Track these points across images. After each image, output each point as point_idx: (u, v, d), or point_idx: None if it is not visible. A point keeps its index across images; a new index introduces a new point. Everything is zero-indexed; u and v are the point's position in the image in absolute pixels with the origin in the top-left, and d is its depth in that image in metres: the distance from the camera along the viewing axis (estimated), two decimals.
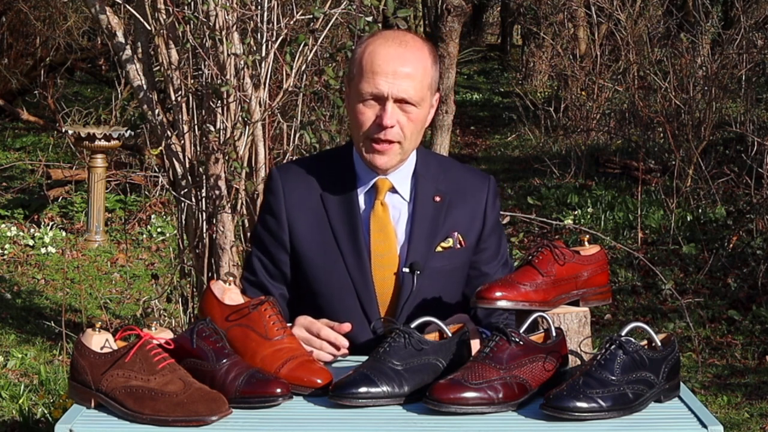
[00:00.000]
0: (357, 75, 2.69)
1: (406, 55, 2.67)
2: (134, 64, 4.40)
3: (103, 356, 2.28)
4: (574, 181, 10.08)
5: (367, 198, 2.76)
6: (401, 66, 2.65)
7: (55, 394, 5.15)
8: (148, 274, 7.44)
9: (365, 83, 2.66)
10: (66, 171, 9.54)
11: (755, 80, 10.22)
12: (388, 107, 2.65)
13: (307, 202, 2.77)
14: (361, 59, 2.68)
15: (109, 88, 12.01)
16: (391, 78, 2.64)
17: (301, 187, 2.78)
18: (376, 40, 2.70)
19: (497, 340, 2.33)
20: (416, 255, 2.73)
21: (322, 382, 2.34)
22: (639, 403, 2.27)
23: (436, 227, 2.76)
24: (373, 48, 2.68)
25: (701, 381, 5.68)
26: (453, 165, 2.90)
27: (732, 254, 7.54)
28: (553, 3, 13.63)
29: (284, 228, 2.77)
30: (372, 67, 2.65)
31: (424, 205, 2.77)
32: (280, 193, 2.78)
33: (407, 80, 2.65)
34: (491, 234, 2.84)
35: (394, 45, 2.68)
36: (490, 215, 2.84)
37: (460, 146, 12.72)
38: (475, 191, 2.83)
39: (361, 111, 2.68)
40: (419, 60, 2.68)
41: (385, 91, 2.64)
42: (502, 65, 19.13)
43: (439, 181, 2.80)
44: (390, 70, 2.64)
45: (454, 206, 2.79)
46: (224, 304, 2.51)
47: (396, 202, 2.77)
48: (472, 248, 2.80)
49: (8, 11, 12.20)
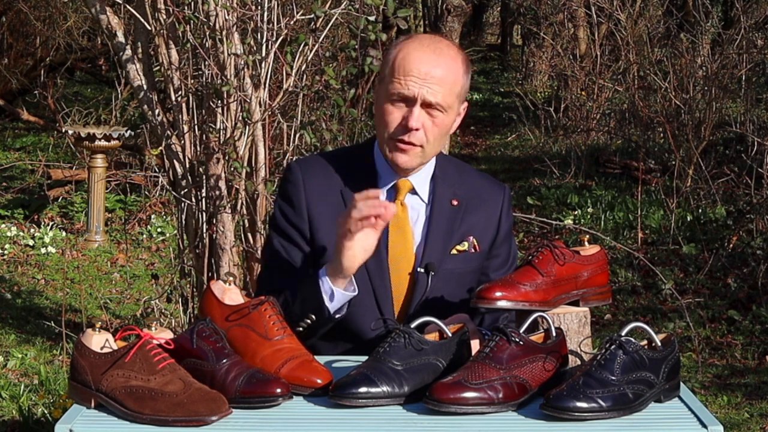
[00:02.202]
0: (388, 75, 2.70)
1: (439, 61, 2.68)
2: (134, 64, 4.40)
3: (103, 356, 2.28)
4: (574, 181, 10.08)
5: (387, 197, 2.76)
6: (433, 70, 2.66)
7: (55, 394, 5.15)
8: (148, 274, 7.44)
9: (395, 84, 2.67)
10: (66, 171, 9.54)
11: (755, 80, 10.21)
12: (415, 110, 2.66)
13: (327, 196, 2.77)
14: (394, 60, 2.70)
15: (109, 88, 12.01)
16: (422, 81, 2.65)
17: (320, 180, 2.79)
18: (411, 44, 2.72)
19: (497, 340, 2.33)
20: (432, 256, 2.75)
21: (322, 382, 2.34)
22: (639, 403, 2.27)
23: (453, 230, 2.78)
24: (408, 51, 2.69)
25: (701, 381, 5.68)
26: (470, 172, 2.93)
27: (732, 254, 7.54)
28: (553, 3, 13.62)
29: (304, 218, 2.77)
30: (404, 69, 2.67)
31: (441, 208, 2.79)
32: (300, 185, 2.78)
33: (437, 85, 2.66)
34: (504, 242, 2.87)
35: (428, 51, 2.69)
36: (504, 224, 2.87)
37: (460, 146, 12.71)
38: (490, 199, 2.86)
39: (389, 111, 2.69)
40: (451, 67, 2.69)
41: (414, 93, 2.66)
42: (502, 65, 19.14)
43: (456, 186, 2.83)
44: (421, 73, 2.66)
45: (470, 211, 2.82)
46: (224, 304, 2.51)
47: (415, 204, 2.80)
48: (485, 253, 2.83)
49: (8, 11, 12.19)
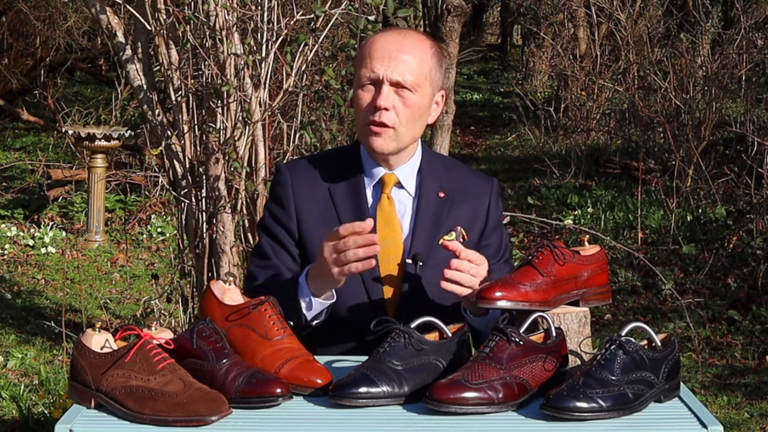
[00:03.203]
0: (358, 64, 2.77)
1: (404, 41, 2.74)
2: (134, 64, 4.40)
3: (103, 356, 2.28)
4: (574, 181, 10.07)
5: (374, 192, 2.81)
6: (398, 51, 2.71)
7: (55, 394, 5.15)
8: (148, 274, 7.44)
9: (363, 69, 2.73)
10: (66, 171, 9.54)
11: (755, 80, 10.21)
12: (384, 89, 2.71)
13: (315, 195, 2.81)
14: (362, 49, 2.78)
15: (109, 88, 12.00)
16: (387, 61, 2.71)
17: (309, 181, 2.83)
18: (380, 33, 2.80)
19: (497, 340, 2.33)
20: (419, 247, 2.77)
21: (322, 382, 2.34)
22: (639, 403, 2.27)
23: (440, 222, 2.80)
24: (375, 39, 2.77)
25: (701, 381, 5.68)
26: (457, 166, 2.95)
27: (732, 254, 7.54)
28: (553, 3, 13.62)
29: (293, 218, 2.81)
30: (370, 52, 2.73)
31: (428, 200, 2.82)
32: (289, 186, 2.83)
33: (403, 64, 2.71)
34: (493, 231, 2.88)
35: (394, 34, 2.78)
36: (493, 214, 2.89)
37: (460, 146, 12.71)
38: (478, 192, 2.88)
39: (360, 96, 2.75)
40: (416, 47, 2.74)
41: (380, 74, 2.70)
42: (502, 65, 19.13)
43: (443, 179, 2.85)
44: (386, 54, 2.71)
45: (457, 203, 2.84)
46: (224, 304, 2.51)
47: (402, 197, 2.82)
48: (474, 244, 2.81)
49: (8, 11, 12.19)
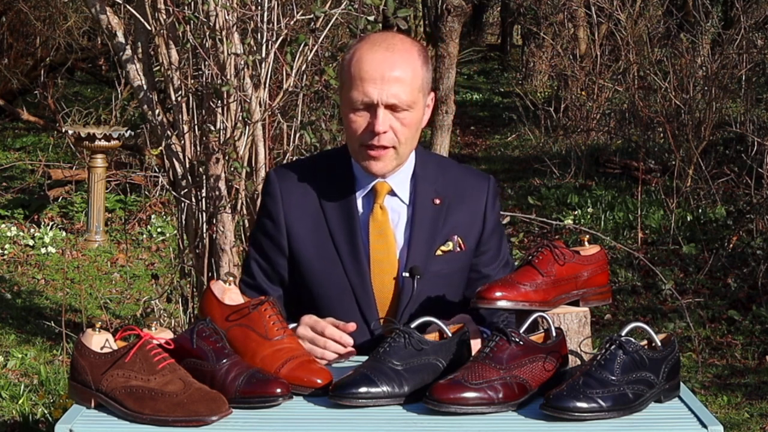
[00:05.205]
0: (346, 83, 2.64)
1: (394, 58, 2.61)
2: (134, 64, 4.40)
3: (103, 356, 2.28)
4: (574, 181, 10.08)
5: (365, 201, 2.73)
6: (389, 71, 2.59)
7: (55, 394, 5.15)
8: (148, 274, 7.44)
9: (354, 91, 2.61)
10: (66, 171, 9.54)
11: (755, 80, 10.22)
12: (380, 114, 2.60)
13: (306, 206, 2.73)
14: (349, 67, 2.63)
15: (109, 88, 12.00)
16: (380, 84, 2.59)
17: (299, 191, 2.75)
18: (363, 46, 2.65)
19: (497, 340, 2.32)
20: (416, 259, 2.70)
21: (322, 382, 2.33)
22: (639, 403, 2.27)
23: (436, 231, 2.73)
24: (360, 54, 2.63)
25: (701, 381, 5.68)
26: (452, 165, 2.86)
27: (732, 254, 7.54)
28: (553, 3, 13.62)
29: (282, 232, 2.74)
30: (360, 74, 2.60)
31: (423, 208, 2.73)
32: (278, 197, 2.75)
33: (397, 85, 2.60)
34: (491, 236, 2.81)
35: (381, 50, 2.62)
36: (490, 217, 2.81)
37: (460, 146, 12.71)
38: (474, 192, 2.80)
39: (353, 120, 2.63)
40: (408, 63, 2.63)
41: (374, 98, 2.59)
42: (502, 65, 19.14)
43: (438, 183, 2.77)
44: (378, 75, 2.59)
45: (453, 209, 2.75)
46: (224, 304, 2.51)
47: (395, 205, 2.74)
48: (472, 251, 2.77)
49: (8, 11, 12.19)
